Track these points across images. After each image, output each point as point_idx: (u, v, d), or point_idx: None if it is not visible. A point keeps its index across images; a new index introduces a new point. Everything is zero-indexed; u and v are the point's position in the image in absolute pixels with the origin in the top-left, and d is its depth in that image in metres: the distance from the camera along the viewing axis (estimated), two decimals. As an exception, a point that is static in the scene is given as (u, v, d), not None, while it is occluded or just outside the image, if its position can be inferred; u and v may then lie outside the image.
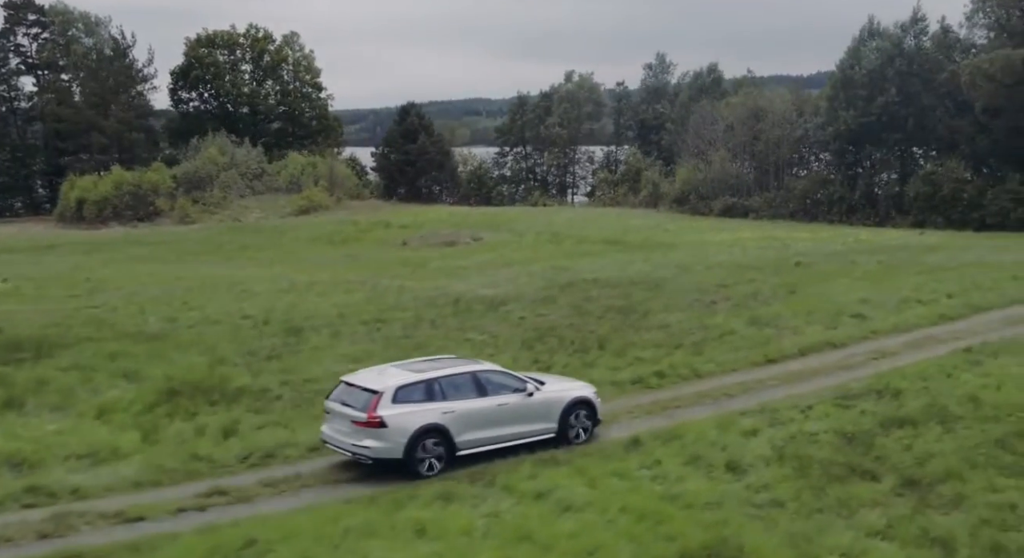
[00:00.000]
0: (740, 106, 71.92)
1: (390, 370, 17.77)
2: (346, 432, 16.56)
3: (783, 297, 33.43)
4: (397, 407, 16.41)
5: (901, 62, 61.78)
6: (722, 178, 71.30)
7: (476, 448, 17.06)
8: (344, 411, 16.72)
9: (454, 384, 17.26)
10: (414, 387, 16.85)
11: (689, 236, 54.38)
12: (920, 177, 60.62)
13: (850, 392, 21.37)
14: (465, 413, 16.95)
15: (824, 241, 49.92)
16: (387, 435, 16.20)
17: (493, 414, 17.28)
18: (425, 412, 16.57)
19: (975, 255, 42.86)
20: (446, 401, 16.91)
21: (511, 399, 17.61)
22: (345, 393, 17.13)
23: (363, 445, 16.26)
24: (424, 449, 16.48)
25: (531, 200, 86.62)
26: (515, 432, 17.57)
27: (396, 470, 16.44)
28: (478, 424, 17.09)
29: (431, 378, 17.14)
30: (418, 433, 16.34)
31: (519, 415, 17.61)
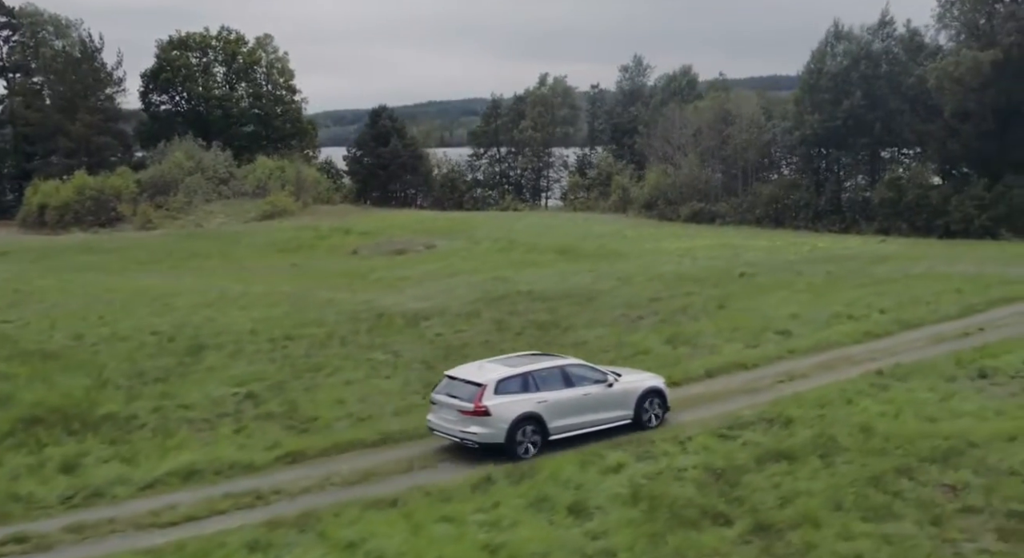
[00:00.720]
0: (707, 110, 70.79)
1: (488, 365, 19.80)
2: (453, 420, 18.51)
3: (712, 312, 32.45)
4: (499, 398, 18.39)
5: (867, 65, 60.68)
6: (691, 183, 70.27)
7: (565, 433, 19.01)
8: (451, 402, 18.64)
9: (545, 377, 19.29)
10: (512, 380, 18.87)
11: (645, 244, 53.37)
12: (885, 183, 59.56)
13: (740, 420, 20.36)
14: (556, 402, 18.96)
15: (779, 250, 48.89)
16: (491, 422, 18.18)
17: (579, 403, 19.30)
18: (523, 402, 18.56)
19: (926, 265, 41.80)
20: (539, 392, 18.91)
21: (594, 390, 19.63)
22: (450, 386, 19.05)
23: (470, 431, 18.27)
24: (523, 434, 18.45)
25: (503, 204, 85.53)
26: (597, 418, 19.56)
27: (498, 453, 18.15)
28: (567, 412, 19.08)
29: (526, 371, 19.18)
30: (517, 420, 18.34)
31: (601, 404, 19.63)
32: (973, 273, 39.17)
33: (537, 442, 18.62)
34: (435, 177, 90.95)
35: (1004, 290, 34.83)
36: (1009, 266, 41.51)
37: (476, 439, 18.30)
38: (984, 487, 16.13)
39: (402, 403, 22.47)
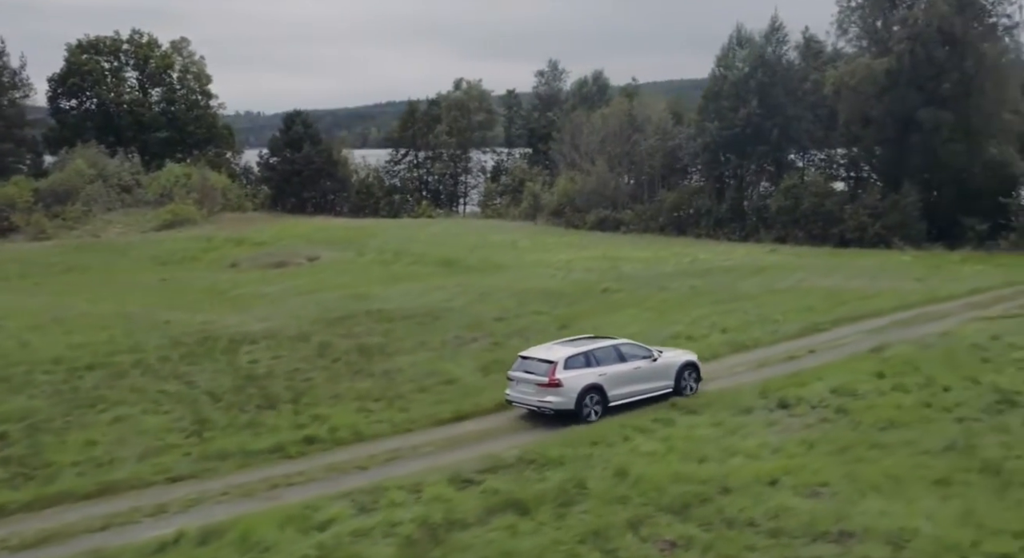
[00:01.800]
0: (612, 116, 69.75)
1: (555, 347, 23.08)
2: (531, 393, 21.87)
3: (551, 333, 31.11)
4: (568, 372, 21.72)
5: (764, 72, 59.87)
6: (599, 190, 69.14)
7: (621, 400, 22.44)
8: (528, 377, 21.98)
9: (603, 354, 22.69)
10: (577, 357, 22.21)
11: (531, 256, 52.19)
12: (781, 191, 58.76)
13: (499, 462, 19.14)
14: (613, 375, 22.36)
15: (660, 262, 47.93)
16: (563, 392, 21.54)
17: (631, 375, 22.74)
18: (587, 375, 21.95)
19: (796, 279, 40.97)
20: (600, 367, 22.26)
21: (642, 364, 23.06)
22: (525, 365, 22.32)
23: (546, 400, 21.68)
24: (589, 401, 21.86)
25: (418, 211, 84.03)
26: (646, 387, 22.98)
27: (569, 418, 21.56)
28: (621, 382, 22.49)
29: (588, 350, 22.66)
30: (584, 390, 21.75)
31: (647, 375, 23.00)
32: (838, 287, 38.41)
33: (599, 409, 22.07)
34: (352, 183, 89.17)
35: (857, 306, 34.08)
36: (880, 278, 40.84)
37: (551, 406, 21.71)
38: (705, 543, 14.99)
39: (156, 444, 21.01)
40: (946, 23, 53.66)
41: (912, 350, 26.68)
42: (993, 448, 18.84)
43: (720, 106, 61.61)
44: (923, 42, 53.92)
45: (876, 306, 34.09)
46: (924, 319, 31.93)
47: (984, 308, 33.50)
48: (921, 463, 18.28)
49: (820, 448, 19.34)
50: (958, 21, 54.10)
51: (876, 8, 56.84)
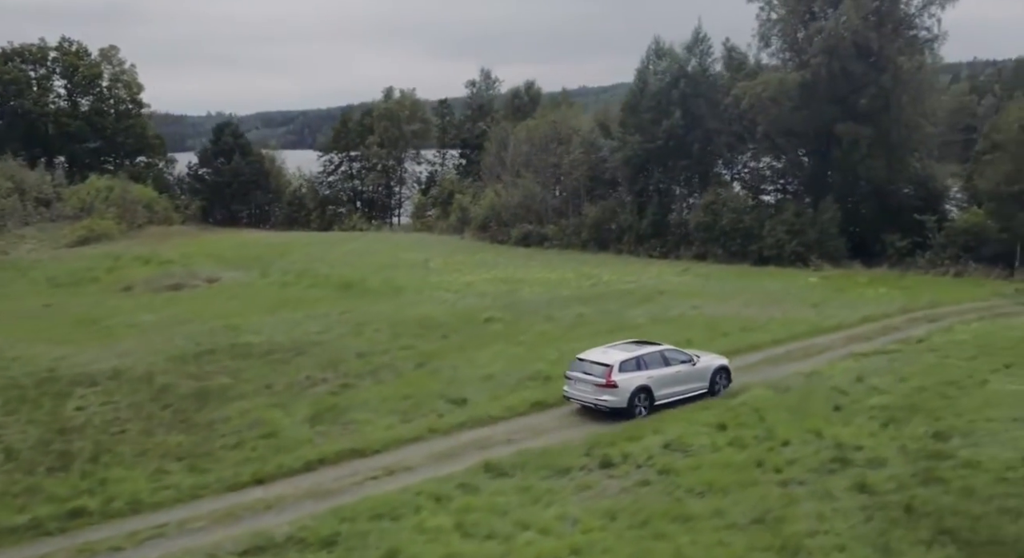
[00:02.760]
0: (535, 128, 68.25)
1: (609, 351, 25.49)
2: (588, 391, 24.43)
3: (405, 372, 29.78)
4: (622, 374, 24.24)
5: (686, 84, 58.49)
6: (525, 204, 67.66)
7: (665, 400, 24.90)
8: (586, 378, 24.53)
9: (651, 358, 25.13)
10: (629, 361, 24.69)
11: (437, 277, 50.60)
12: (700, 207, 57.43)
13: (265, 542, 17.51)
14: (659, 377, 24.86)
15: (562, 284, 46.51)
16: (617, 392, 24.09)
17: (674, 377, 25.22)
18: (637, 377, 24.44)
19: (689, 305, 39.65)
20: (648, 370, 24.74)
21: (683, 368, 25.56)
22: (582, 366, 24.85)
23: (602, 399, 24.23)
24: (638, 400, 24.37)
25: (348, 223, 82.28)
26: (685, 388, 25.41)
27: (620, 415, 24.03)
28: (666, 384, 25.00)
29: (639, 355, 25.05)
30: (635, 391, 24.29)
31: (687, 377, 25.54)
32: (728, 315, 37.10)
33: (646, 407, 24.50)
34: (285, 195, 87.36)
35: (737, 339, 32.70)
36: (776, 305, 39.52)
37: (607, 404, 24.22)
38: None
39: None
40: (861, 37, 52.47)
41: (767, 395, 25.28)
42: (803, 520, 17.45)
43: (641, 119, 60.19)
44: (839, 55, 52.72)
45: (757, 339, 32.71)
46: (800, 355, 30.61)
47: (867, 340, 32.21)
48: (721, 540, 16.85)
49: (621, 520, 17.85)
50: (874, 34, 52.93)
51: (795, 20, 55.54)
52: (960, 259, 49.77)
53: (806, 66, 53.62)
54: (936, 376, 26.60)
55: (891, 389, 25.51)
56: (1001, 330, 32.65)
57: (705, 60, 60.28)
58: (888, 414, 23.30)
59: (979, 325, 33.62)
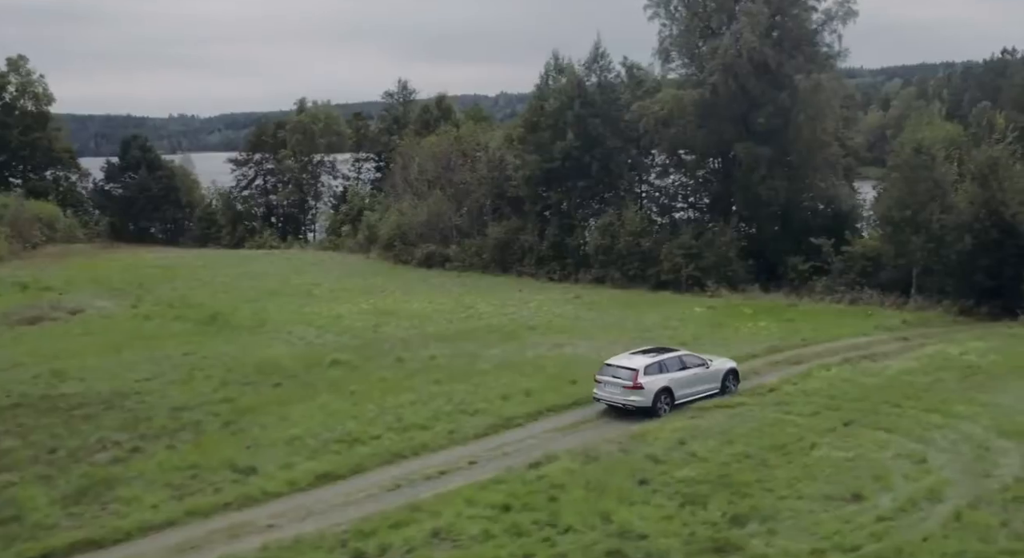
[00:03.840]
0: (437, 144, 65.95)
1: (634, 357, 28.29)
2: (617, 393, 27.25)
3: (211, 432, 27.49)
4: (647, 377, 27.07)
5: (581, 104, 56.34)
6: (431, 222, 65.26)
7: (684, 399, 27.73)
8: (615, 380, 27.32)
9: (671, 363, 28.02)
10: (653, 365, 27.52)
11: (314, 306, 48.12)
12: (598, 229, 55.32)
13: None
14: (679, 379, 27.76)
15: (431, 317, 44.20)
16: (643, 393, 26.94)
17: (691, 379, 28.10)
18: (660, 379, 27.35)
19: (552, 344, 37.62)
20: (668, 373, 27.65)
21: (699, 370, 28.43)
22: (610, 371, 27.59)
23: (630, 399, 27.06)
24: (661, 400, 27.22)
25: (258, 241, 79.58)
26: (701, 389, 28.26)
27: (646, 414, 26.90)
28: (684, 385, 27.85)
29: (661, 360, 27.91)
30: (659, 391, 27.19)
31: (702, 379, 28.41)
32: (587, 357, 34.90)
33: (668, 406, 27.44)
34: (197, 211, 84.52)
35: (582, 388, 30.39)
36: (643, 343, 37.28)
37: (634, 404, 27.10)
38: None
39: None
40: (758, 54, 50.60)
41: (572, 467, 23.07)
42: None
43: (540, 137, 58.04)
44: (736, 73, 50.83)
45: (602, 388, 30.48)
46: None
47: (717, 390, 30.08)
48: None
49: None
50: (772, 52, 51.10)
51: (693, 36, 53.59)
52: (857, 285, 47.93)
53: (703, 84, 51.63)
54: (766, 438, 24.56)
55: (710, 456, 23.42)
56: (860, 376, 30.69)
57: (605, 77, 58.12)
58: (693, 491, 21.24)
59: (839, 370, 31.65)
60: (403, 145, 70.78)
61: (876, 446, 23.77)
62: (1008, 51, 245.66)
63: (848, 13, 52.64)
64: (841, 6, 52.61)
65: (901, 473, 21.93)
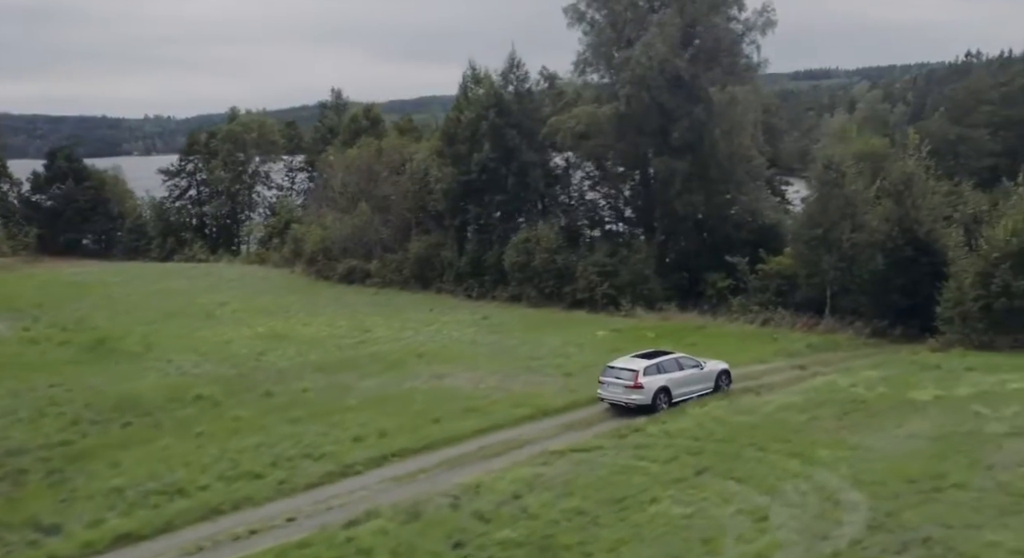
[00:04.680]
0: (359, 156, 64.13)
1: (634, 359, 30.60)
2: (619, 392, 29.75)
3: (31, 483, 25.91)
4: (646, 377, 29.56)
5: (497, 114, 54.67)
6: (356, 236, 63.45)
7: (681, 398, 30.13)
8: (617, 381, 29.79)
9: (668, 364, 30.59)
10: (652, 367, 30.01)
11: (213, 329, 46.44)
12: (513, 245, 53.63)
13: None
14: (675, 379, 30.28)
15: (323, 342, 42.60)
16: (643, 392, 29.46)
17: (686, 379, 30.63)
18: (659, 379, 29.88)
19: (433, 374, 35.97)
20: (666, 373, 30.20)
21: (694, 371, 31.03)
22: (613, 372, 30.10)
23: (631, 398, 29.51)
24: (660, 398, 29.70)
25: (188, 254, 77.62)
26: (696, 388, 30.79)
27: (645, 411, 29.26)
28: (681, 384, 30.35)
29: (659, 362, 30.44)
30: (657, 391, 29.68)
31: (697, 379, 31.00)
32: (466, 388, 33.54)
33: (666, 404, 29.56)
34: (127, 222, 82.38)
35: (445, 428, 28.88)
36: (528, 372, 35.80)
37: (635, 402, 29.25)
38: None
39: None
40: (671, 66, 49.09)
41: (390, 526, 21.36)
42: None
43: (457, 149, 56.37)
44: (649, 86, 49.30)
45: (464, 427, 28.96)
46: (494, 452, 26.93)
47: (583, 429, 28.58)
48: None
49: None
50: (686, 64, 49.62)
51: (610, 47, 51.97)
52: (771, 305, 46.50)
53: (617, 97, 50.08)
54: (607, 491, 22.93)
55: (542, 512, 21.76)
56: (734, 414, 29.06)
57: (522, 87, 56.43)
58: (507, 556, 19.60)
59: (717, 406, 30.04)
60: (325, 157, 68.86)
61: (720, 500, 22.16)
62: (972, 54, 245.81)
63: (767, 23, 51.36)
64: (760, 16, 51.28)
65: (736, 534, 20.32)
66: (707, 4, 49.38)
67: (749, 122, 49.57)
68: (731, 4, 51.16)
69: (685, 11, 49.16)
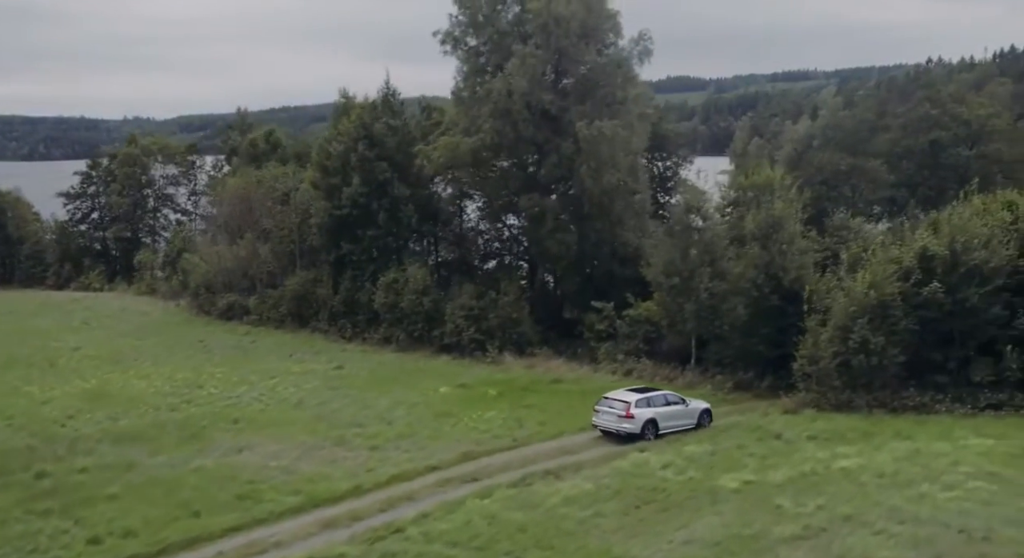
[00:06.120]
0: (238, 186, 61.36)
1: (627, 393, 34.21)
2: (613, 421, 33.12)
3: None
4: (637, 409, 32.91)
5: (366, 146, 51.93)
6: (241, 269, 60.62)
7: (666, 430, 33.39)
8: (611, 410, 33.22)
9: (657, 399, 34.07)
10: (643, 400, 33.48)
11: (35, 384, 43.46)
12: (383, 285, 50.94)
13: None
14: (663, 413, 33.63)
15: (139, 401, 39.70)
16: (634, 422, 32.75)
17: (672, 414, 34.01)
18: (648, 412, 33.20)
19: (232, 448, 32.99)
20: (655, 407, 33.56)
21: (679, 407, 34.40)
22: (607, 403, 33.56)
23: (623, 426, 32.83)
24: (648, 429, 33.00)
25: (83, 282, 74.72)
26: (680, 423, 34.08)
27: (634, 439, 32.49)
28: (667, 418, 33.69)
29: (649, 396, 34.02)
30: (646, 422, 32.98)
31: (681, 415, 34.33)
32: (257, 466, 30.62)
33: (654, 434, 32.90)
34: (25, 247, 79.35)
35: (193, 525, 26.07)
36: (336, 446, 33.16)
37: (626, 430, 32.67)
38: None
39: None
40: (535, 99, 46.51)
41: None
42: None
43: (329, 182, 53.64)
44: (513, 120, 46.70)
45: (220, 524, 26.22)
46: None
47: (337, 528, 25.83)
48: None
49: None
50: (553, 97, 47.04)
51: (482, 77, 49.26)
52: (638, 353, 44.01)
53: (479, 131, 47.45)
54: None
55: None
56: (513, 510, 26.30)
57: (397, 118, 53.62)
58: None
59: (503, 494, 27.36)
60: (215, 184, 66.09)
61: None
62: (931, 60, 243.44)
63: (644, 52, 48.76)
64: (636, 44, 48.64)
65: None
66: (576, 34, 46.63)
67: (622, 158, 46.79)
68: (605, 34, 48.49)
69: (551, 43, 46.44)
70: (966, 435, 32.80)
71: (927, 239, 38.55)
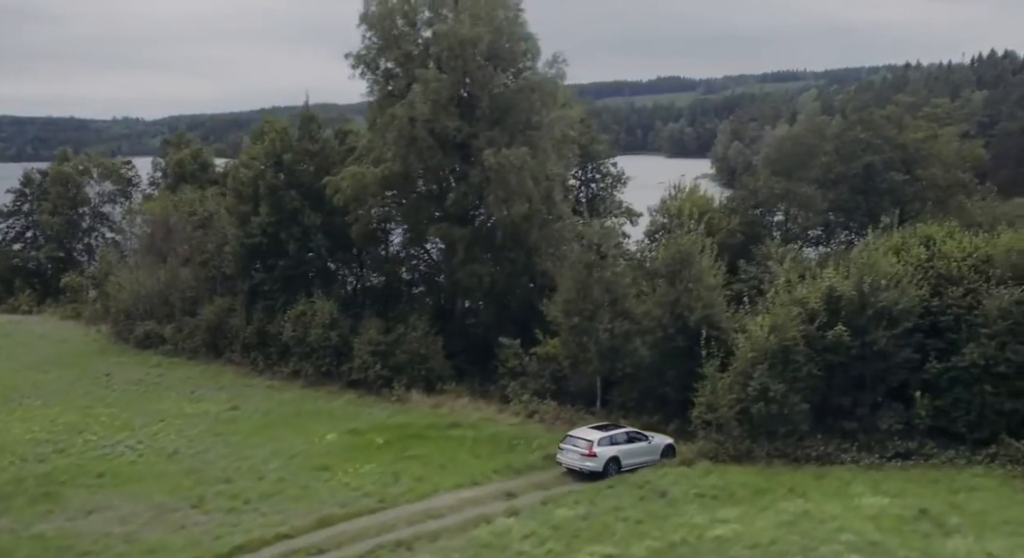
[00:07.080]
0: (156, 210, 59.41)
1: (590, 431, 34.50)
2: (576, 459, 33.51)
3: None
4: (600, 447, 33.30)
5: (275, 174, 50.03)
6: (162, 295, 58.60)
7: (629, 467, 33.81)
8: (574, 449, 33.58)
9: (619, 437, 34.40)
10: (605, 438, 33.87)
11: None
12: (291, 317, 49.05)
13: None
14: (625, 450, 34.08)
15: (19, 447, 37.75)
16: (596, 460, 33.15)
17: (635, 451, 34.44)
18: (611, 449, 33.64)
19: (81, 510, 31.06)
20: (617, 445, 33.98)
21: (642, 444, 34.83)
22: (572, 441, 33.91)
23: (586, 465, 33.16)
24: (611, 466, 33.40)
25: (12, 305, 72.74)
26: (643, 460, 34.47)
27: (597, 477, 32.94)
28: (630, 456, 34.16)
29: (612, 434, 34.31)
30: (609, 459, 33.40)
31: (644, 452, 34.75)
32: (98, 533, 28.66)
33: (615, 471, 33.50)
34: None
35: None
36: (171, 511, 31.16)
37: (588, 468, 33.17)
38: None
39: None
40: (440, 126, 44.63)
41: None
42: None
43: (241, 209, 51.73)
44: (418, 147, 44.83)
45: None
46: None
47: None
48: None
49: None
50: (459, 124, 45.13)
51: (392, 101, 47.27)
52: (545, 393, 42.13)
53: (384, 160, 45.55)
54: None
55: None
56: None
57: (315, 143, 51.54)
58: None
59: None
60: (142, 205, 64.12)
61: None
62: (910, 65, 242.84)
63: (558, 75, 46.88)
64: (551, 67, 46.80)
65: None
66: (484, 57, 44.76)
67: (531, 186, 44.82)
68: (518, 56, 46.59)
69: (456, 67, 44.53)
70: (862, 492, 31.25)
71: (834, 278, 36.83)
